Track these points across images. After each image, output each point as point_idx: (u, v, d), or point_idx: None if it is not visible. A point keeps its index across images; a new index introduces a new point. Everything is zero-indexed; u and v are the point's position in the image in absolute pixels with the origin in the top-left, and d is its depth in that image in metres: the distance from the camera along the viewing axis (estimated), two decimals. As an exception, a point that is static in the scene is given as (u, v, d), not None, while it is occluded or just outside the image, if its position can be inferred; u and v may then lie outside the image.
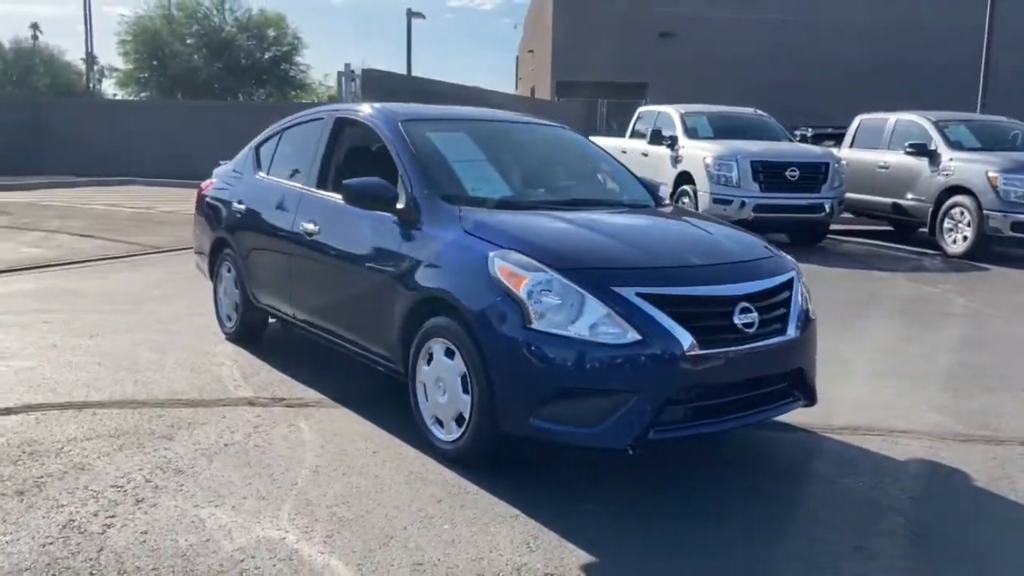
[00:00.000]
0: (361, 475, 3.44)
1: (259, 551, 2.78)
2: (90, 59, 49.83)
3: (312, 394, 4.44)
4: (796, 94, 24.40)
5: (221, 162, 6.07)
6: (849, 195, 12.19)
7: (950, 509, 3.40)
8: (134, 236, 10.70)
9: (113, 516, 2.98)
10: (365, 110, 4.59)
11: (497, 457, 3.51)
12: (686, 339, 3.23)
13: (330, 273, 4.37)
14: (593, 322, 3.20)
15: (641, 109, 13.84)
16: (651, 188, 4.76)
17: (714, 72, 25.83)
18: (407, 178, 4.00)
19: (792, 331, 3.59)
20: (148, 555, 2.72)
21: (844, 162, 12.44)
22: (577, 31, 27.53)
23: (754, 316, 3.44)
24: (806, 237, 11.60)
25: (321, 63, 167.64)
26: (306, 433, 3.89)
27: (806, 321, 3.73)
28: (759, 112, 13.06)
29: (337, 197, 4.27)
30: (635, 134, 13.34)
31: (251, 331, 5.37)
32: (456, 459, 3.53)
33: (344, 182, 3.98)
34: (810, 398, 3.80)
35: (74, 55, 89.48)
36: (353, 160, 4.57)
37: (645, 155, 12.52)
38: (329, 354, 4.60)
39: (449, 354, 3.51)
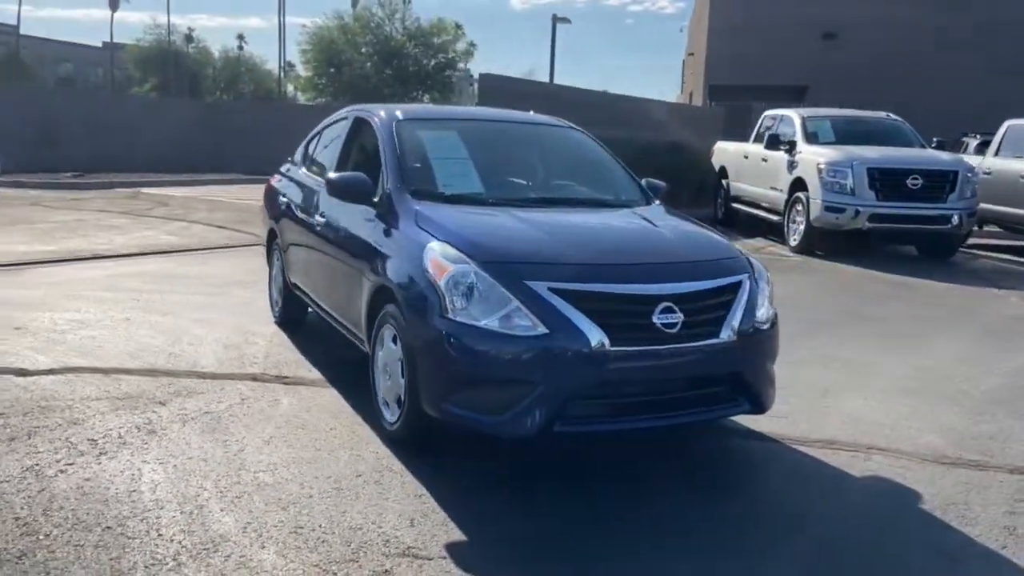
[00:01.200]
0: (306, 447, 3.70)
1: (170, 504, 3.09)
2: (286, 67, 54.00)
3: (314, 375, 4.76)
4: (963, 96, 22.65)
5: (288, 159, 6.55)
6: (992, 207, 11.30)
7: (859, 530, 3.22)
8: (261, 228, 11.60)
9: (71, 464, 3.40)
10: (376, 110, 4.86)
11: (429, 438, 3.67)
12: (595, 335, 3.26)
13: (329, 262, 4.67)
14: (504, 314, 3.29)
15: (766, 113, 13.38)
16: (643, 188, 4.77)
17: (878, 73, 24.41)
18: (385, 173, 4.24)
19: (727, 335, 3.52)
20: (77, 499, 3.09)
21: (983, 171, 11.50)
22: (733, 33, 26.82)
23: (677, 317, 3.41)
24: (935, 250, 10.84)
25: (498, 69, 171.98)
26: (283, 407, 4.20)
27: (752, 326, 3.63)
28: (891, 116, 12.29)
29: None
30: (758, 138, 12.92)
31: (292, 316, 5.78)
32: (395, 439, 3.73)
33: (326, 176, 4.27)
34: (756, 404, 3.71)
35: (275, 63, 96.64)
36: (361, 157, 4.85)
37: (765, 160, 12.14)
38: (351, 341, 4.91)
39: (394, 340, 3.71)
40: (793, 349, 4.82)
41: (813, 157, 10.77)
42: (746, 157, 13.19)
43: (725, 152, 14.28)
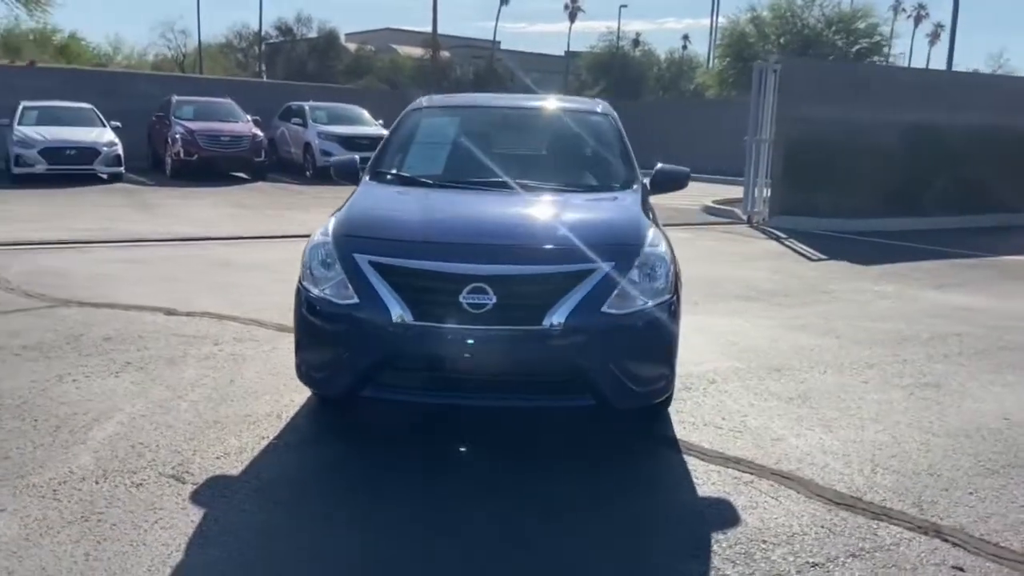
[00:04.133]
0: (236, 388, 4.47)
1: (100, 411, 4.10)
2: (714, 64, 54.45)
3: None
4: None
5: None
6: None
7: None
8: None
9: (67, 376, 4.58)
10: (419, 99, 5.41)
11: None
12: (396, 308, 3.49)
13: None
14: (333, 284, 3.68)
15: None
16: (630, 175, 4.66)
17: None
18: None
19: (553, 322, 3.45)
20: (41, 402, 4.24)
21: None
22: None
23: (488, 298, 3.45)
24: None
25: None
26: (270, 355, 5.03)
27: (597, 317, 3.49)
28: None
29: None
30: None
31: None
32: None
33: (329, 159, 4.95)
34: (601, 399, 3.55)
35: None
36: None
37: None
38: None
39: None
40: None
41: None
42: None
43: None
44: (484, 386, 3.61)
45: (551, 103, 5.45)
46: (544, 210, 4.16)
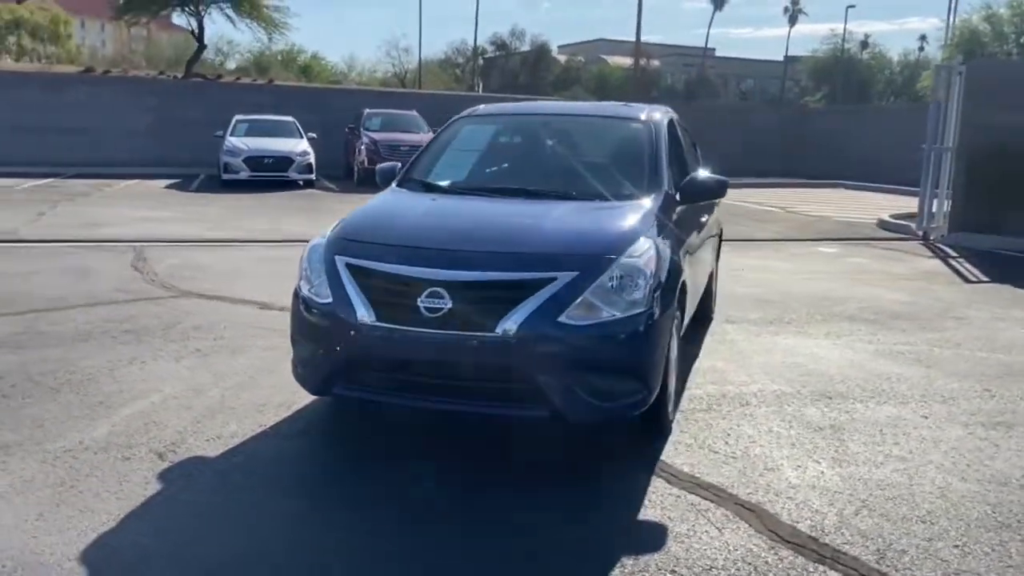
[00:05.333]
0: (269, 378, 4.78)
1: (142, 391, 4.58)
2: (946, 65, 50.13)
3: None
4: None
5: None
6: None
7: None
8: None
9: (139, 358, 5.11)
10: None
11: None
12: (361, 309, 3.63)
13: None
14: (318, 283, 3.88)
15: None
16: (651, 183, 4.55)
17: None
18: None
19: (506, 329, 3.45)
20: (102, 379, 4.78)
21: None
22: None
23: (444, 303, 3.51)
24: None
25: None
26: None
27: (553, 327, 3.46)
28: None
29: None
30: None
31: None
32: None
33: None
34: (554, 411, 3.50)
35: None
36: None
37: None
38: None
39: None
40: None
41: None
42: None
43: None
44: (442, 390, 3.65)
45: (592, 112, 5.39)
46: (535, 218, 4.11)
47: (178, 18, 37.40)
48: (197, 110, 21.39)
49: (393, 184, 4.80)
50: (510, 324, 3.47)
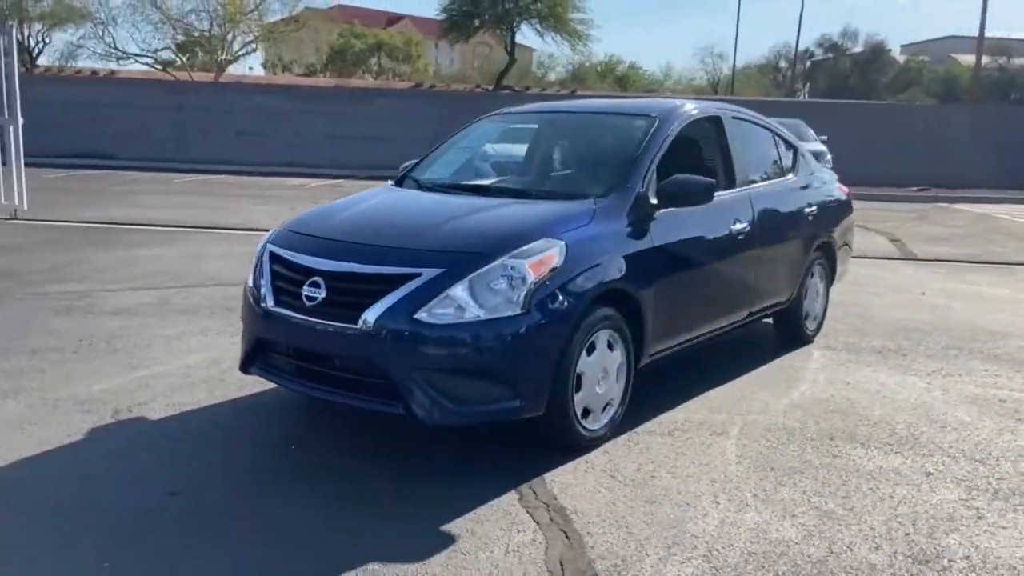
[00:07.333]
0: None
1: (173, 358, 5.19)
2: None
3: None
4: None
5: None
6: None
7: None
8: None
9: (207, 331, 5.74)
10: None
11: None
12: (268, 295, 3.87)
13: None
14: (255, 271, 4.15)
15: None
16: (615, 184, 4.24)
17: None
18: None
19: (366, 322, 3.48)
20: (158, 345, 5.46)
21: None
22: None
23: (319, 292, 3.62)
24: None
25: None
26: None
27: (409, 323, 3.43)
28: None
29: None
30: None
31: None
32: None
33: None
34: (407, 409, 3.44)
35: None
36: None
37: None
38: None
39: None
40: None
41: None
42: None
43: None
44: (320, 378, 3.72)
45: (607, 109, 5.06)
46: (454, 216, 3.98)
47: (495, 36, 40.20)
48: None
49: (389, 183, 4.95)
50: (369, 317, 3.48)
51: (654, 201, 4.21)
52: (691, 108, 4.88)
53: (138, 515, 3.19)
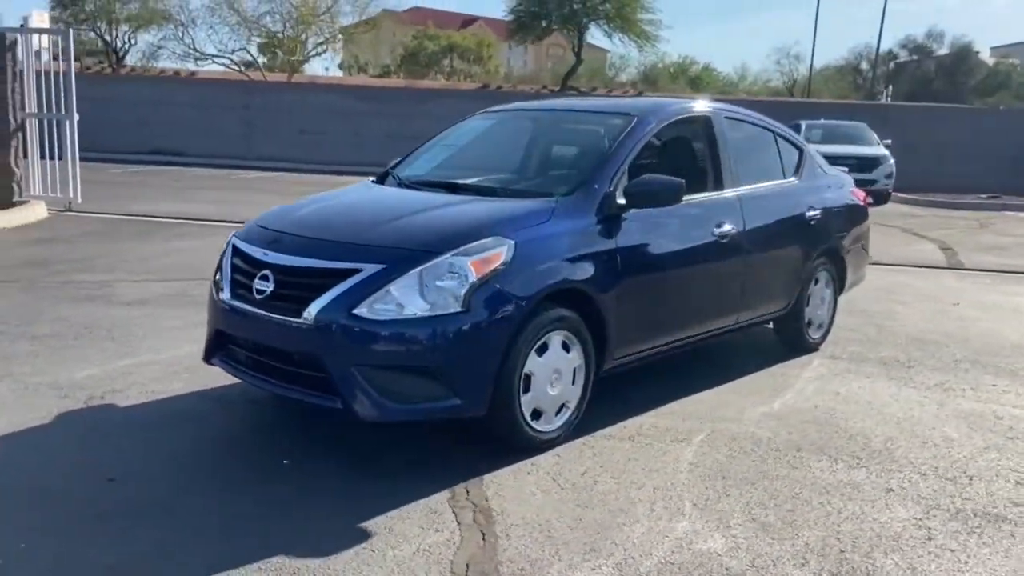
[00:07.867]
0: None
1: (170, 347, 5.32)
2: None
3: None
4: None
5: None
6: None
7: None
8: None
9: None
10: None
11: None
12: (226, 286, 3.93)
13: None
14: (218, 263, 4.21)
15: None
16: (570, 184, 4.21)
17: None
18: None
19: (305, 315, 3.49)
20: (166, 335, 5.59)
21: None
22: None
23: (268, 285, 3.67)
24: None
25: None
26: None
27: (348, 318, 3.44)
28: None
29: None
30: None
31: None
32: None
33: None
34: (344, 404, 3.44)
35: None
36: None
37: None
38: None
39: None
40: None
41: None
42: None
43: None
44: (268, 371, 3.74)
45: (593, 107, 5.01)
46: (408, 211, 3.98)
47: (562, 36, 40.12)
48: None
49: (370, 179, 4.96)
50: (310, 311, 3.49)
51: (622, 201, 4.12)
52: (676, 108, 4.77)
53: (68, 501, 3.25)
